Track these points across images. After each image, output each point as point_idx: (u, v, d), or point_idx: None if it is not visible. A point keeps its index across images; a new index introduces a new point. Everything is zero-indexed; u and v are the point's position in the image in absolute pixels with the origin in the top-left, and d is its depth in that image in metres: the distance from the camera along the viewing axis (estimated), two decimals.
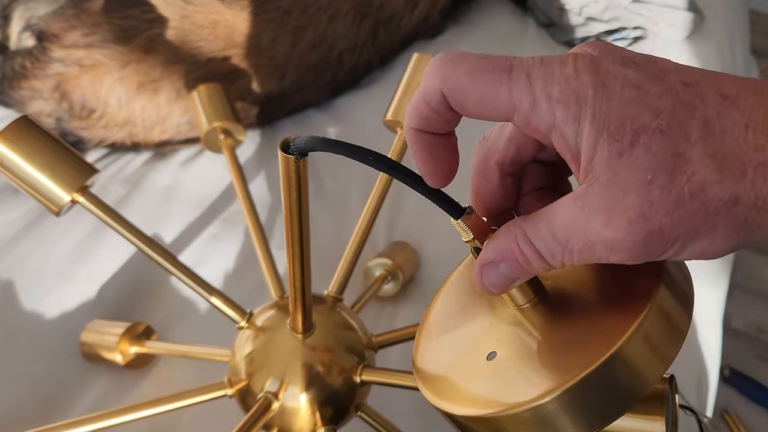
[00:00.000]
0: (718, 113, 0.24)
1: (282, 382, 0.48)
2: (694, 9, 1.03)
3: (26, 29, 0.79)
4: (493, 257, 0.28)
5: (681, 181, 0.24)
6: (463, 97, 0.26)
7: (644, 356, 0.27)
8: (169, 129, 0.82)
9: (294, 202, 0.37)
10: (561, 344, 0.29)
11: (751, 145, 0.24)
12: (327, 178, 0.84)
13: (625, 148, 0.24)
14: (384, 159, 0.28)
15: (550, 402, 0.26)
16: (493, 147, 0.31)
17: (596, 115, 0.24)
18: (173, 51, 0.79)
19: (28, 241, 0.73)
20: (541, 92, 0.25)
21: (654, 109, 0.24)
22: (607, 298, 0.29)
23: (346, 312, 0.53)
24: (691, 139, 0.24)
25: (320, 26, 0.86)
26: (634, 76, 0.25)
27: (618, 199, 0.24)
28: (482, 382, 0.30)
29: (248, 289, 0.71)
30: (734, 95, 0.24)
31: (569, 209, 0.26)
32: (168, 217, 0.77)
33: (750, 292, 1.43)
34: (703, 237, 0.24)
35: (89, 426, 0.50)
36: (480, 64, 0.26)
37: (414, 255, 0.75)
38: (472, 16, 1.08)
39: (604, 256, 0.25)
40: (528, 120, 0.26)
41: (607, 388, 0.27)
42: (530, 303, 0.31)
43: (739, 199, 0.24)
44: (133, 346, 0.64)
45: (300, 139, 0.31)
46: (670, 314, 0.28)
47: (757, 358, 1.34)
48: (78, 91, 0.78)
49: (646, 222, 0.24)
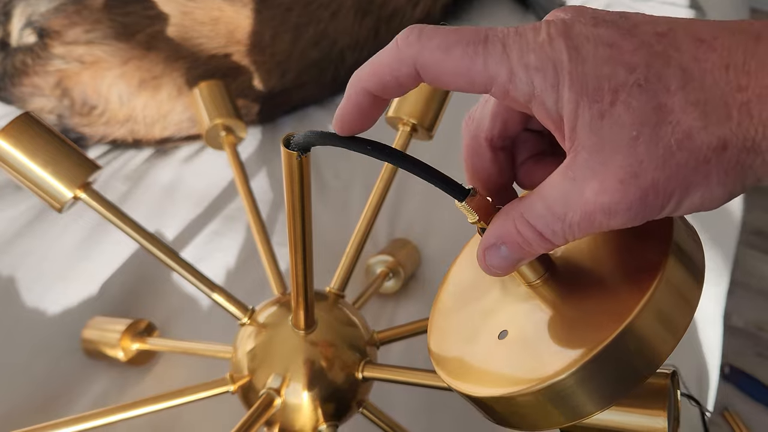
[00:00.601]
0: (696, 58, 0.24)
1: (284, 378, 0.48)
2: (695, 7, 1.04)
3: (27, 26, 0.79)
4: (494, 240, 0.28)
5: (666, 133, 0.23)
6: (437, 71, 0.26)
7: (655, 329, 0.27)
8: (171, 126, 0.82)
9: (297, 199, 0.37)
10: (573, 320, 0.29)
11: (733, 85, 0.23)
12: (328, 174, 0.84)
13: (606, 109, 0.24)
14: (382, 147, 0.28)
15: (565, 379, 0.26)
16: (480, 124, 0.31)
17: (573, 79, 0.24)
18: (174, 48, 0.79)
19: (30, 238, 0.73)
20: (517, 61, 0.25)
21: (629, 65, 0.24)
22: (618, 270, 0.29)
23: (348, 308, 0.53)
24: (671, 89, 0.23)
25: (322, 23, 0.86)
26: (606, 34, 0.24)
27: (606, 162, 0.24)
28: (495, 361, 0.30)
29: (250, 286, 0.71)
30: (710, 39, 0.24)
31: (561, 183, 0.25)
32: (169, 213, 0.77)
33: (750, 289, 1.43)
34: (699, 186, 0.24)
35: (91, 422, 0.50)
36: (453, 36, 0.25)
37: (415, 252, 0.75)
38: (473, 13, 1.08)
39: (605, 223, 0.25)
40: (506, 91, 0.25)
41: (621, 362, 0.27)
42: (541, 279, 0.31)
43: (728, 143, 0.23)
44: (135, 342, 0.64)
45: (300, 135, 0.31)
46: (681, 284, 0.28)
47: (756, 355, 1.34)
48: (79, 88, 0.78)
49: (638, 180, 0.24)
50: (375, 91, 0.28)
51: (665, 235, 0.28)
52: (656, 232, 0.28)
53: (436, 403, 0.64)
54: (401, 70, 0.26)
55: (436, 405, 0.64)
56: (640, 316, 0.26)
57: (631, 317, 0.26)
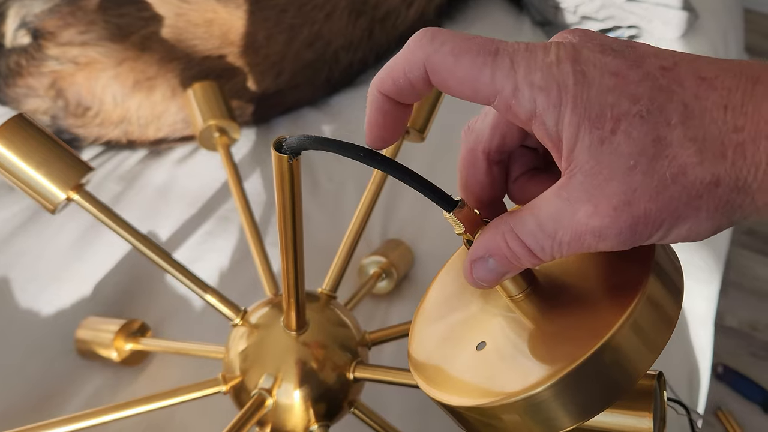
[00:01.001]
0: (697, 96, 0.24)
1: (276, 378, 0.49)
2: (688, 8, 1.04)
3: (21, 27, 0.79)
4: (482, 253, 0.29)
5: (663, 166, 0.24)
6: (446, 75, 0.26)
7: (634, 346, 0.27)
8: (165, 127, 0.82)
9: (287, 201, 0.38)
10: (552, 335, 0.29)
11: (730, 126, 0.24)
12: (322, 175, 0.85)
13: (607, 136, 0.24)
14: (374, 154, 0.28)
15: (541, 393, 0.27)
16: (479, 136, 0.31)
17: (577, 103, 0.25)
18: (168, 49, 0.79)
19: (24, 239, 0.73)
20: (523, 78, 0.25)
21: (633, 96, 0.24)
22: (599, 288, 0.30)
23: (339, 309, 0.53)
24: (671, 123, 0.24)
25: (316, 24, 0.86)
26: (613, 63, 0.25)
27: (602, 187, 0.24)
28: (472, 371, 0.30)
29: (243, 287, 0.71)
30: (712, 77, 0.24)
31: (554, 201, 0.26)
32: (163, 214, 0.78)
33: (743, 289, 1.44)
34: (688, 219, 0.25)
35: (84, 422, 0.50)
36: (465, 44, 0.26)
37: (408, 253, 0.75)
38: (468, 14, 1.08)
39: (593, 245, 0.26)
40: (509, 105, 0.26)
41: (598, 378, 0.27)
42: (523, 294, 0.31)
43: (720, 181, 0.24)
44: (129, 343, 0.64)
45: (292, 138, 0.32)
46: (660, 304, 0.28)
47: (750, 355, 1.35)
48: (73, 89, 0.78)
49: (631, 208, 0.24)
50: (390, 93, 0.28)
51: (646, 255, 0.28)
52: (638, 252, 0.29)
53: (428, 405, 0.64)
54: (413, 72, 0.27)
55: (429, 406, 0.64)
56: (619, 333, 0.26)
57: (609, 334, 0.26)
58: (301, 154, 0.34)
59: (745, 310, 1.40)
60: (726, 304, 1.38)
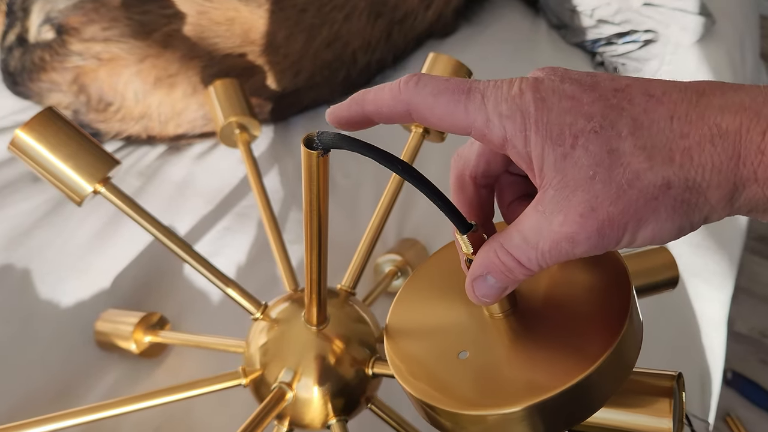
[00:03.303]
0: (645, 110, 0.27)
1: (296, 372, 0.49)
2: (705, 13, 1.04)
3: (45, 22, 0.80)
4: (481, 271, 0.32)
5: (619, 173, 0.27)
6: (427, 113, 0.30)
7: (595, 389, 0.30)
8: (184, 123, 0.83)
9: (314, 197, 0.38)
10: (527, 360, 0.32)
11: (677, 133, 0.27)
12: (338, 173, 0.85)
13: (568, 151, 0.27)
14: (410, 169, 0.30)
15: (511, 413, 0.30)
16: (466, 162, 0.34)
17: (539, 126, 0.28)
18: (190, 47, 0.80)
19: (45, 231, 0.74)
20: (492, 110, 0.29)
21: (587, 114, 0.27)
22: (575, 324, 0.33)
23: (358, 306, 0.54)
24: (622, 135, 0.27)
25: (335, 24, 0.87)
26: (570, 89, 0.28)
27: (569, 198, 0.28)
28: (451, 377, 0.33)
29: (259, 282, 0.72)
30: (660, 94, 0.28)
31: (533, 216, 0.29)
32: (182, 209, 0.78)
33: (754, 296, 1.44)
34: (649, 221, 0.27)
35: (104, 413, 0.51)
36: (443, 85, 0.30)
37: (423, 252, 0.76)
38: (484, 16, 1.09)
39: (570, 251, 0.28)
40: (483, 134, 0.29)
41: (559, 409, 0.30)
42: (504, 314, 0.35)
43: (671, 183, 0.26)
44: (148, 335, 0.65)
45: (326, 134, 0.32)
46: (626, 353, 0.31)
47: (759, 361, 1.34)
48: (96, 85, 0.79)
49: (595, 213, 0.27)
50: (371, 116, 0.32)
51: (623, 302, 0.32)
52: (615, 295, 0.32)
53: None
54: (397, 108, 0.31)
55: None
56: (585, 380, 0.29)
57: (575, 381, 0.29)
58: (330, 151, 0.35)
59: (755, 316, 1.40)
60: (736, 310, 1.38)
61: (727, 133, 0.26)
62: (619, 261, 0.34)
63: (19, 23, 0.82)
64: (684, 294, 0.80)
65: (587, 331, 0.32)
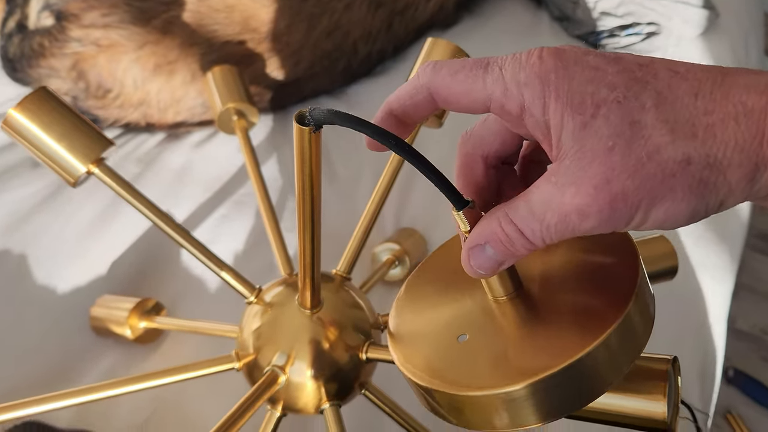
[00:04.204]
0: (670, 85, 0.27)
1: (289, 356, 0.49)
2: (709, 6, 1.03)
3: (45, 8, 0.80)
4: (479, 240, 0.30)
5: (639, 146, 0.26)
6: (446, 92, 0.30)
7: (600, 367, 0.29)
8: (183, 111, 0.83)
9: (307, 176, 0.38)
10: (529, 342, 0.31)
11: (700, 110, 0.26)
12: (338, 163, 0.85)
13: (588, 120, 0.27)
14: (404, 145, 0.30)
15: (513, 392, 0.28)
16: (477, 142, 0.33)
17: (560, 93, 0.27)
18: (189, 33, 0.80)
19: (42, 217, 0.74)
20: (510, 79, 0.28)
21: (611, 84, 0.27)
22: (580, 307, 0.31)
23: (354, 291, 0.54)
24: (645, 107, 0.26)
25: (336, 14, 0.86)
26: (593, 60, 0.28)
27: (585, 168, 0.27)
28: (450, 360, 0.32)
29: (256, 270, 0.72)
30: (684, 71, 0.27)
31: (545, 187, 0.28)
32: (180, 196, 0.78)
33: (756, 293, 1.43)
34: (664, 200, 0.26)
35: (96, 394, 0.51)
36: (460, 64, 0.29)
37: (421, 241, 0.76)
38: (485, 7, 1.08)
39: (577, 225, 0.27)
40: (502, 105, 0.28)
41: (563, 388, 0.29)
42: (508, 296, 0.33)
43: (692, 159, 0.26)
44: (143, 321, 0.65)
45: (318, 110, 0.32)
46: (633, 330, 0.30)
47: (761, 359, 1.34)
48: (95, 71, 0.79)
49: (610, 186, 0.26)
50: (397, 113, 0.32)
51: (629, 280, 0.30)
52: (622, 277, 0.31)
53: None
54: (417, 97, 0.31)
55: None
56: (590, 356, 0.28)
57: (579, 355, 0.28)
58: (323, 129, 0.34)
59: (757, 313, 1.39)
60: (738, 308, 1.37)
61: (752, 111, 0.25)
62: (630, 243, 0.33)
63: (19, 10, 0.82)
64: (684, 285, 0.79)
65: (592, 311, 0.30)
